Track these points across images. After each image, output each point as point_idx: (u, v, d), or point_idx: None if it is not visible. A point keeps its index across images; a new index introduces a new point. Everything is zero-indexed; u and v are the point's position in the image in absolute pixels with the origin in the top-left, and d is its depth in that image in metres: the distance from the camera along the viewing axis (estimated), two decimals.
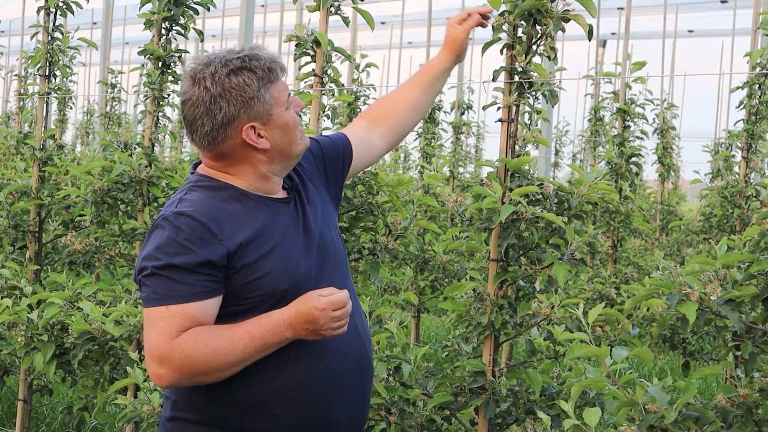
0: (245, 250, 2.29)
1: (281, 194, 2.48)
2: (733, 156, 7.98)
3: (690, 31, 16.30)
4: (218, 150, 2.37)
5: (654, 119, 9.47)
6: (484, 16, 2.97)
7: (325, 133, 3.82)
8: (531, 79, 3.34)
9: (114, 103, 12.55)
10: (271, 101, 2.35)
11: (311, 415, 2.38)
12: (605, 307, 6.30)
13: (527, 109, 3.44)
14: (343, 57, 4.21)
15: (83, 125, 14.42)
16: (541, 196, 3.35)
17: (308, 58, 4.07)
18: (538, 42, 3.35)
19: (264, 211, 2.39)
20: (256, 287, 2.31)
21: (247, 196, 2.39)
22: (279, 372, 2.33)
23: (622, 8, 13.60)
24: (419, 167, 9.94)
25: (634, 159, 6.69)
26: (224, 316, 2.30)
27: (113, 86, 12.45)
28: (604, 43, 15.69)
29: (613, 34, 15.14)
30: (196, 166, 2.51)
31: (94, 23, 15.29)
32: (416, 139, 10.13)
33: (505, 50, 3.39)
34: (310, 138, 2.61)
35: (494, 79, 3.37)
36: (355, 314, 2.48)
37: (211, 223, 2.27)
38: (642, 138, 6.83)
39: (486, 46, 3.41)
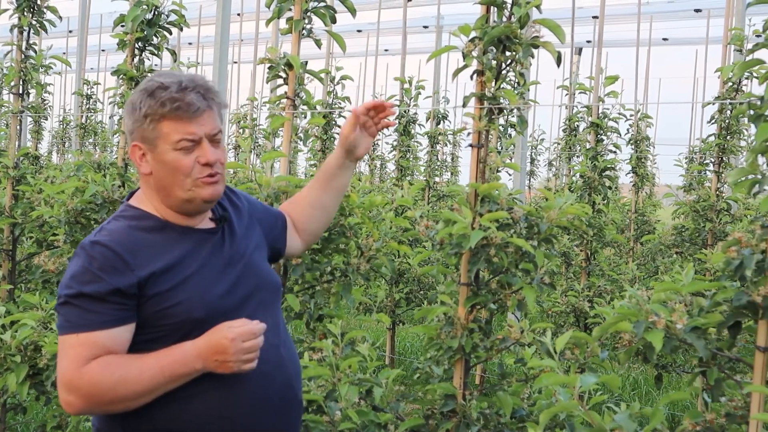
0: (157, 279, 2.30)
1: (208, 225, 2.51)
2: (707, 164, 8.04)
3: (664, 39, 16.46)
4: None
5: (628, 130, 9.52)
6: (385, 110, 2.86)
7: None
8: (501, 105, 3.36)
9: (90, 114, 12.49)
10: (156, 133, 2.36)
11: None
12: (579, 318, 6.37)
13: (500, 130, 3.45)
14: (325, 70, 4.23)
15: (59, 134, 14.35)
16: (511, 220, 3.36)
17: (281, 81, 4.09)
18: (508, 68, 3.37)
19: (185, 242, 2.41)
20: (167, 315, 2.31)
21: (169, 226, 2.43)
22: (195, 401, 2.33)
23: (597, 17, 13.68)
24: (393, 181, 9.94)
25: (607, 173, 6.72)
26: (138, 344, 2.31)
27: (89, 97, 12.39)
28: (579, 51, 15.78)
29: (588, 42, 15.25)
30: (131, 195, 2.54)
31: (70, 31, 15.22)
32: (392, 151, 10.15)
33: (475, 76, 3.41)
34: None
35: (464, 105, 3.39)
36: (281, 346, 2.49)
37: (125, 253, 2.29)
38: (615, 152, 6.86)
39: (456, 73, 3.44)
